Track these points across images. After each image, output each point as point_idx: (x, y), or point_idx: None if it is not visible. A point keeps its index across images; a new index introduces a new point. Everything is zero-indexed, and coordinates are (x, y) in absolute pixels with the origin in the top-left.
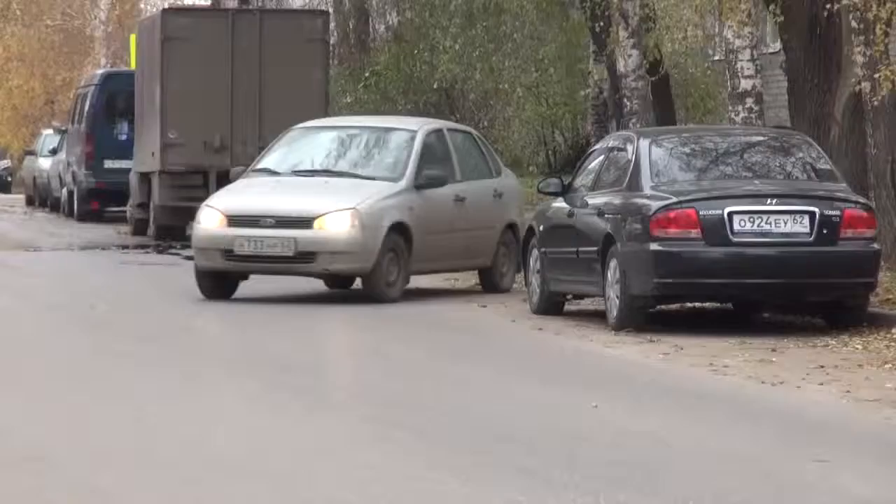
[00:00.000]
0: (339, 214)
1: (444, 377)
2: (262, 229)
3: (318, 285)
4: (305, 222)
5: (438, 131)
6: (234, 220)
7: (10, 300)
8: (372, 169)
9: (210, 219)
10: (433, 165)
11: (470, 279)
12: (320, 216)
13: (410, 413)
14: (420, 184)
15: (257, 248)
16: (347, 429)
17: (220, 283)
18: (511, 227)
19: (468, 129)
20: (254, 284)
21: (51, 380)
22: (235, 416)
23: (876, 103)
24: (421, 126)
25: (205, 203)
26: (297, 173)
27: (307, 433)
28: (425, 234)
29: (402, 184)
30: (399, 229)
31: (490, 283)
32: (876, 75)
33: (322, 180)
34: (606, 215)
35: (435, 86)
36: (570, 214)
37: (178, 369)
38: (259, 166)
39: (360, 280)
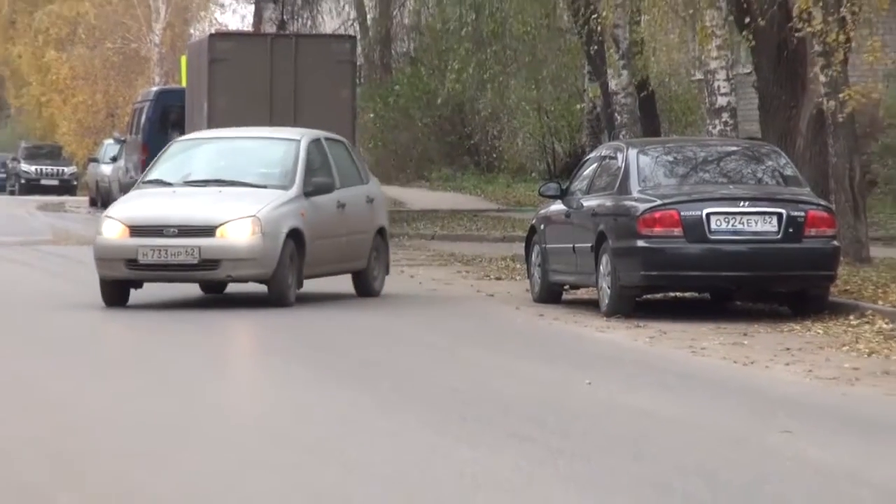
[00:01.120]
0: (240, 222)
1: (455, 357)
2: (166, 238)
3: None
4: (208, 231)
5: (317, 140)
6: (137, 230)
7: (71, 286)
8: (262, 177)
9: (111, 229)
10: (317, 173)
11: (478, 272)
12: (222, 224)
13: (426, 388)
14: (308, 191)
15: (161, 257)
16: (370, 400)
17: (122, 291)
18: (381, 231)
19: (341, 138)
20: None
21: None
22: (277, 391)
23: (840, 119)
24: (302, 136)
25: (104, 214)
26: (189, 184)
27: (338, 404)
28: (314, 240)
29: (293, 191)
30: (294, 235)
31: (363, 286)
32: (840, 95)
33: (216, 189)
34: (599, 215)
35: (439, 101)
36: (568, 215)
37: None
38: (149, 178)
39: (267, 285)
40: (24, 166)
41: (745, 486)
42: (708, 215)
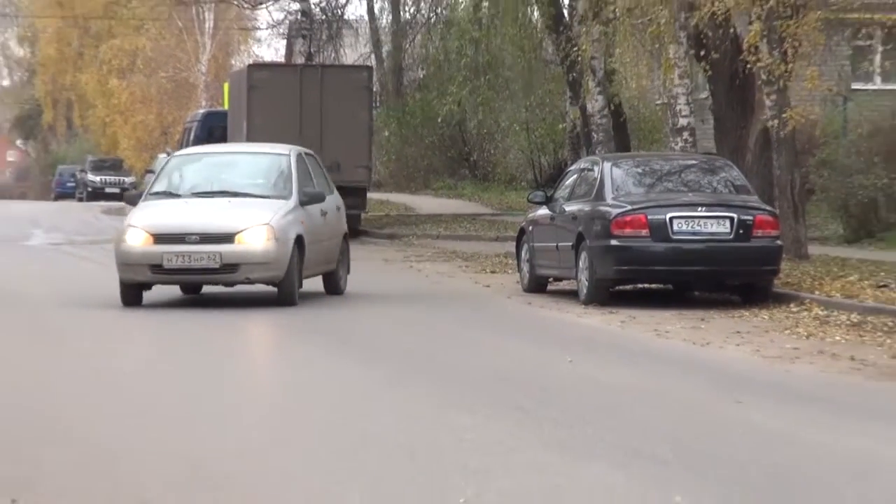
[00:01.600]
0: (256, 229)
1: (456, 338)
2: (189, 245)
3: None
4: (228, 237)
5: (300, 154)
6: (160, 238)
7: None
8: (262, 188)
9: (136, 237)
10: (306, 184)
11: (476, 267)
12: (240, 231)
13: (430, 365)
14: (303, 201)
15: (185, 262)
16: (381, 376)
17: (138, 293)
18: (345, 236)
19: (313, 153)
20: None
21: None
22: (298, 371)
23: (783, 137)
24: (290, 150)
25: (126, 223)
26: (198, 195)
27: (353, 380)
28: (310, 245)
29: (292, 201)
30: (298, 241)
31: (333, 286)
32: (783, 116)
33: (225, 200)
34: (579, 219)
35: (439, 120)
36: (552, 218)
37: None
38: (156, 190)
39: (278, 286)
40: (91, 177)
41: (704, 448)
42: (671, 218)
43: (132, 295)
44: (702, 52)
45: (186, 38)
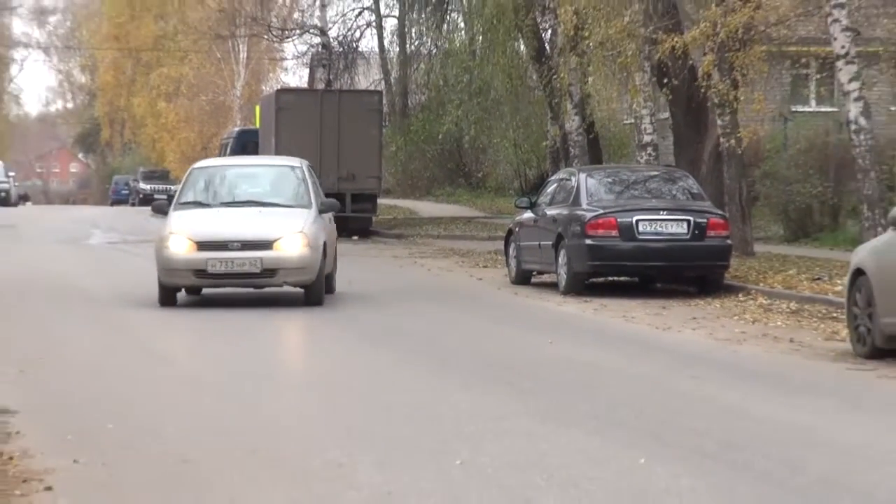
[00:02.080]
0: (292, 237)
1: (454, 324)
2: (231, 251)
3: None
4: (267, 244)
5: (309, 166)
6: (204, 245)
7: None
8: (284, 198)
9: (179, 244)
10: (316, 194)
11: (477, 262)
12: (278, 239)
13: (433, 347)
14: (321, 210)
15: (228, 268)
16: (390, 358)
17: (174, 295)
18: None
19: (308, 162)
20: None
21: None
22: (326, 356)
23: (733, 151)
24: (300, 163)
25: (168, 231)
26: (227, 205)
27: (366, 361)
28: (327, 249)
29: (314, 210)
30: (323, 247)
31: (329, 287)
32: (733, 133)
33: (255, 210)
34: (558, 221)
35: (440, 137)
36: (536, 220)
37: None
38: (185, 200)
39: (308, 288)
40: (142, 185)
41: (665, 417)
42: (636, 221)
43: (169, 297)
44: (663, 80)
45: (223, 67)
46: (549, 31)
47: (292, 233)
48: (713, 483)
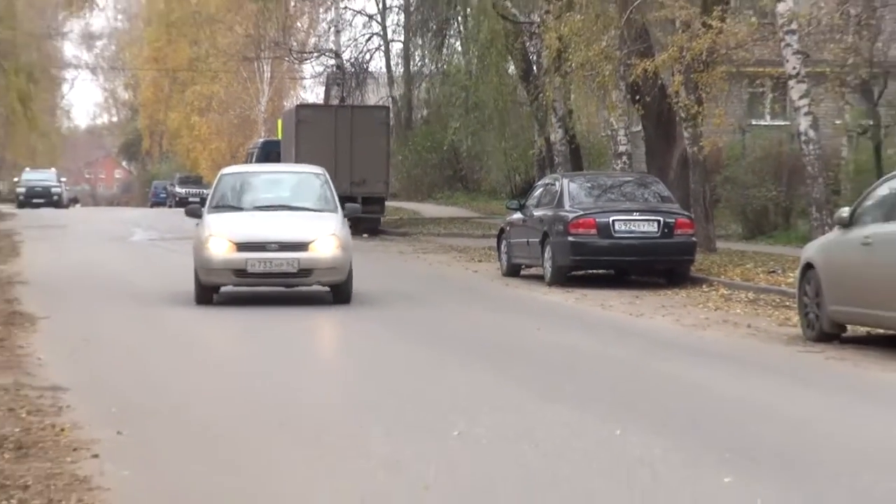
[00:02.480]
0: (326, 239)
1: (452, 311)
2: (269, 252)
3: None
4: (303, 245)
5: (326, 173)
6: (243, 246)
7: None
8: (313, 202)
9: (219, 245)
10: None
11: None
12: (313, 241)
13: (432, 333)
14: (346, 213)
15: (267, 268)
16: (395, 340)
17: (211, 294)
18: None
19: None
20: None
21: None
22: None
23: (697, 159)
24: (322, 171)
25: (208, 234)
26: (259, 208)
27: (375, 344)
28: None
29: (340, 214)
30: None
31: None
32: (698, 144)
33: (287, 213)
34: (545, 221)
35: (444, 148)
36: (524, 220)
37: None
38: (217, 203)
39: (332, 288)
40: (178, 189)
41: (637, 394)
42: (613, 221)
43: (206, 296)
44: (636, 97)
45: (249, 86)
46: (536, 55)
47: (326, 235)
48: (682, 452)
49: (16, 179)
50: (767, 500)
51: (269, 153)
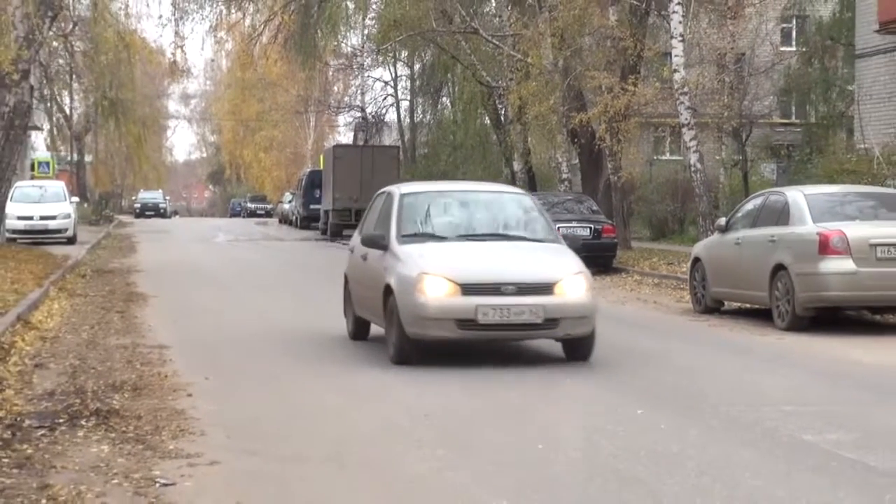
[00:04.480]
0: (574, 279)
1: None
2: (505, 297)
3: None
4: (547, 288)
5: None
6: (471, 289)
7: (264, 259)
8: (529, 231)
9: (437, 287)
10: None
11: None
12: (559, 281)
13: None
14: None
15: (504, 317)
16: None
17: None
18: None
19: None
20: None
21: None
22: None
23: (618, 184)
24: (525, 193)
25: (420, 272)
26: (467, 237)
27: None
28: None
29: (565, 245)
30: None
31: None
32: (620, 173)
33: (507, 244)
34: None
35: (439, 175)
36: None
37: None
38: (409, 232)
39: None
40: (249, 204)
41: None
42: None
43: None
44: (574, 139)
45: (300, 131)
46: (503, 109)
47: (571, 274)
48: (607, 393)
49: (134, 198)
50: (670, 425)
51: (314, 180)
